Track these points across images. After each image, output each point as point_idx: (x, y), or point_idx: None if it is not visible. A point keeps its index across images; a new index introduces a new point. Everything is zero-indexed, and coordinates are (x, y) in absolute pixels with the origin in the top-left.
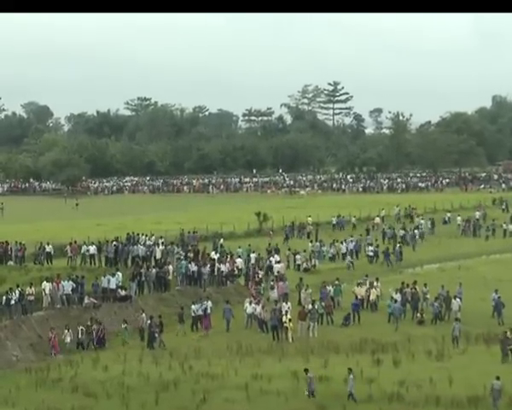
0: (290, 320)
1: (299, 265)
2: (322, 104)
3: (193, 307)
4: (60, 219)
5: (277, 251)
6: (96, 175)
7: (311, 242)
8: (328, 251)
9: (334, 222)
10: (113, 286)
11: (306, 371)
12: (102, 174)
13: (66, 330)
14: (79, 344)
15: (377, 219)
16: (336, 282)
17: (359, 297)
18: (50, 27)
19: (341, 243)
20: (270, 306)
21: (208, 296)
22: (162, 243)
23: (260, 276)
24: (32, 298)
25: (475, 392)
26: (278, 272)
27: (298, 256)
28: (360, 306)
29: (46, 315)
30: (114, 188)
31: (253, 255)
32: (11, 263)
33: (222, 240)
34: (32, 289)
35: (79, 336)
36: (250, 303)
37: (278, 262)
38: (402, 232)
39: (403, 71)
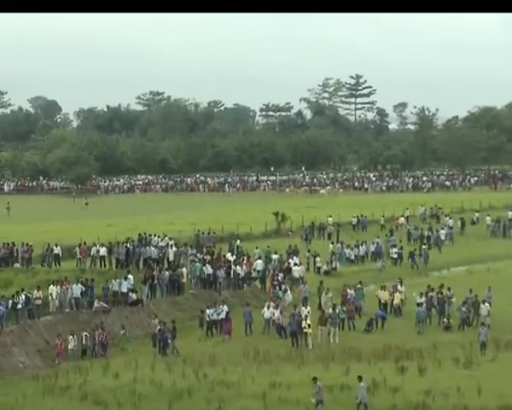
0: (310, 325)
1: (319, 267)
2: (343, 99)
3: (208, 311)
4: (68, 220)
5: (297, 253)
6: (106, 173)
7: (332, 243)
8: (349, 253)
9: (354, 222)
10: (124, 290)
11: (315, 379)
12: (113, 172)
13: (71, 336)
14: (84, 351)
15: (401, 220)
16: (358, 285)
17: (382, 301)
18: (58, 18)
19: (361, 244)
20: (288, 310)
21: (224, 300)
22: (175, 244)
23: (280, 279)
24: (39, 302)
25: (506, 402)
26: (298, 275)
27: (318, 258)
28: (384, 313)
29: (54, 320)
30: (125, 187)
31: (275, 256)
32: (17, 265)
33: (238, 241)
34: (40, 292)
35: (83, 342)
36: (268, 307)
37: (297, 264)
38: (428, 233)
39: (429, 63)
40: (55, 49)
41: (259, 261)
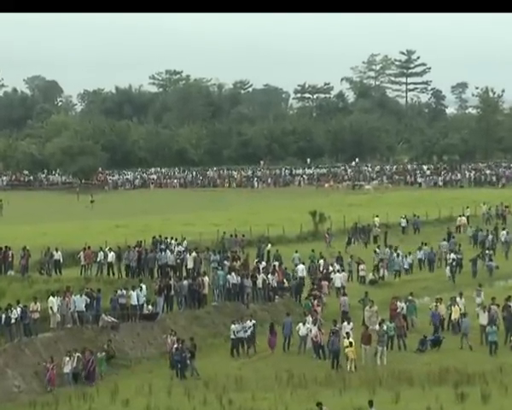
0: (352, 344)
1: (363, 276)
2: (392, 78)
3: (233, 326)
4: (71, 220)
5: (338, 259)
6: (115, 166)
7: (379, 247)
8: (400, 259)
9: (404, 224)
10: (135, 302)
11: (320, 406)
12: (123, 165)
13: (68, 358)
14: (75, 376)
15: (461, 220)
16: (410, 297)
17: (439, 317)
18: None
19: (419, 249)
20: (328, 326)
21: (252, 314)
22: (195, 248)
23: (326, 290)
24: (36, 316)
25: None
26: (340, 283)
27: (362, 266)
28: (440, 329)
29: (54, 337)
30: (137, 181)
31: (322, 262)
32: (12, 273)
33: (270, 245)
34: (38, 304)
35: (74, 365)
36: (304, 323)
37: (339, 272)
38: (492, 236)
39: (493, 37)
40: (55, 21)
41: (301, 266)
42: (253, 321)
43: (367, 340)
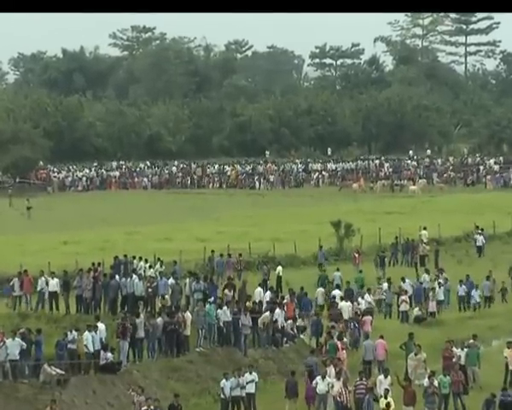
0: (391, 406)
1: (405, 312)
2: (446, 37)
3: (225, 383)
4: (0, 233)
5: (370, 290)
6: (61, 158)
7: (427, 272)
8: (458, 288)
9: (480, 242)
10: (90, 347)
11: None
12: (73, 157)
13: None
14: None
15: None
16: (471, 341)
17: (511, 368)
18: None
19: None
20: (354, 380)
21: (252, 364)
22: (174, 273)
23: (369, 327)
24: None
25: None
26: (348, 315)
27: (404, 296)
28: None
29: None
30: (93, 180)
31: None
32: None
33: (280, 268)
34: None
35: None
36: (323, 377)
37: (370, 310)
38: None
39: None
40: None
41: (337, 292)
42: (254, 374)
43: (411, 399)
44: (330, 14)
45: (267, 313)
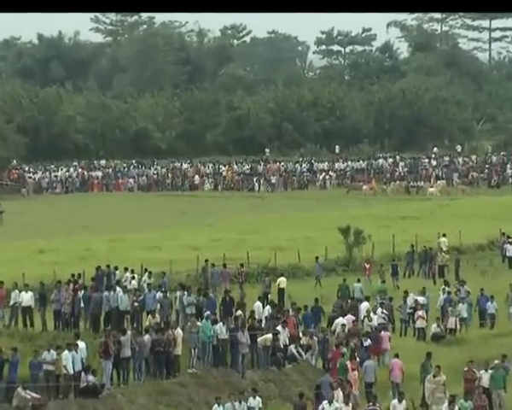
0: None
1: (422, 329)
2: (468, 21)
3: (217, 409)
4: None
5: (383, 304)
6: (37, 157)
7: (447, 284)
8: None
9: (511, 253)
10: (70, 368)
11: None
12: (50, 156)
13: None
14: None
15: None
16: (497, 361)
17: None
18: None
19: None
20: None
21: (255, 388)
22: (162, 285)
23: (387, 344)
24: None
25: None
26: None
27: (421, 312)
28: None
29: None
30: (73, 181)
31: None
32: None
33: (283, 279)
34: None
35: None
36: (331, 402)
37: (385, 325)
38: None
39: None
40: None
41: (365, 304)
42: (258, 399)
43: None
44: None
45: (269, 335)
